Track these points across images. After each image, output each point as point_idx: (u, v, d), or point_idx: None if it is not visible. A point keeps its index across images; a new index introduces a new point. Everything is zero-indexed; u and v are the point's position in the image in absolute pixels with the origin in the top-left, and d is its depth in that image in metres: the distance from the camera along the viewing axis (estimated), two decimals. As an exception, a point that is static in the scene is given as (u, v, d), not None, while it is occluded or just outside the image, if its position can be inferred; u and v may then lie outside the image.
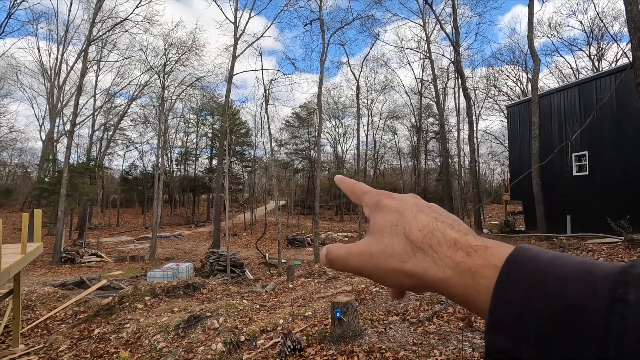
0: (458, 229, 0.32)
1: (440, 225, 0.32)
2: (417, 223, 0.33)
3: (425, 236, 0.32)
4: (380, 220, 0.36)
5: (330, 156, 49.42)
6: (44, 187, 23.88)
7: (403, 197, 0.38)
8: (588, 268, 0.23)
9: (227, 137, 20.03)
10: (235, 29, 23.15)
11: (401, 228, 0.33)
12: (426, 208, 0.36)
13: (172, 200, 43.64)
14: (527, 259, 0.26)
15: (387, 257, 0.33)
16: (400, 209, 0.36)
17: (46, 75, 31.10)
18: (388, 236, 0.34)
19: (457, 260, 0.29)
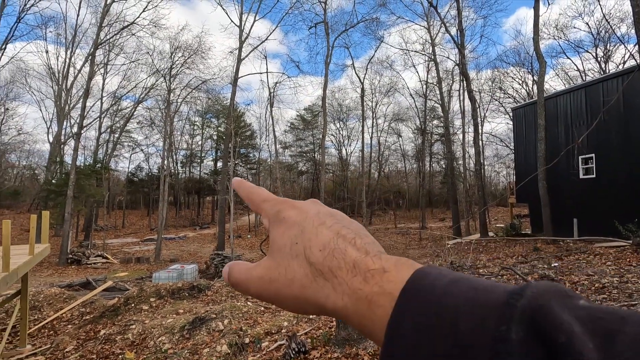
0: (360, 246, 0.29)
1: (341, 244, 0.29)
2: (318, 240, 0.30)
3: (326, 257, 0.29)
4: (279, 236, 0.33)
5: (335, 158, 49.46)
6: (51, 188, 24.14)
7: (304, 206, 0.35)
8: (480, 298, 0.22)
9: (232, 139, 20.14)
10: (240, 32, 23.31)
11: (301, 247, 0.31)
12: (328, 218, 0.33)
13: (177, 202, 43.90)
14: (423, 287, 0.24)
15: (288, 283, 0.30)
16: (301, 222, 0.33)
17: (54, 79, 31.52)
18: (288, 257, 0.31)
19: (354, 287, 0.27)
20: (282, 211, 0.35)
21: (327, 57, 20.71)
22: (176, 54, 27.04)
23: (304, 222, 0.32)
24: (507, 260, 9.44)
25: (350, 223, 0.33)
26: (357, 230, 0.32)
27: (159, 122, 32.30)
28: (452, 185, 25.75)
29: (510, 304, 0.21)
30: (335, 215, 0.34)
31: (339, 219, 0.33)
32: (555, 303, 0.20)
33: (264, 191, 0.39)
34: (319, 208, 0.35)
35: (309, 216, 0.33)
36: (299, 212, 0.34)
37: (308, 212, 0.34)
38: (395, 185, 47.93)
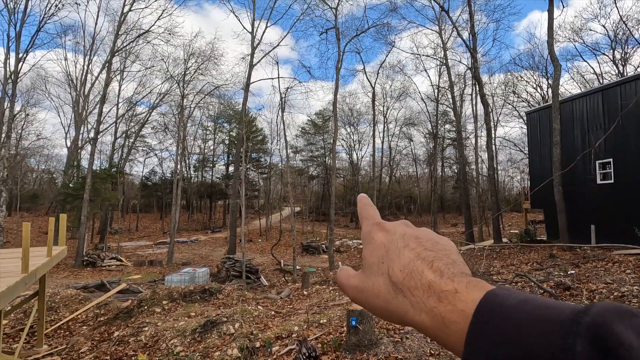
0: (437, 267, 0.33)
1: (419, 265, 0.34)
2: (400, 262, 0.35)
3: (405, 277, 0.33)
4: (369, 255, 0.39)
5: (346, 163, 49.38)
6: (68, 192, 24.74)
7: (392, 229, 0.40)
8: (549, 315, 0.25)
9: (244, 144, 20.34)
10: (252, 38, 23.61)
11: (386, 267, 0.36)
12: (412, 241, 0.37)
13: (190, 206, 44.43)
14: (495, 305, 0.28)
15: (374, 296, 0.36)
16: (387, 243, 0.38)
17: (72, 85, 32.41)
18: (375, 274, 0.36)
19: (430, 306, 0.31)
20: (372, 232, 0.41)
21: (338, 62, 20.79)
22: (190, 60, 27.55)
23: (390, 244, 0.37)
24: (521, 267, 9.25)
25: (435, 245, 0.37)
26: (438, 252, 0.35)
27: (173, 127, 32.88)
28: (464, 190, 25.40)
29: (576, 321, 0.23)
30: (420, 237, 0.38)
31: (423, 241, 0.37)
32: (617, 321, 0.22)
33: (372, 210, 0.45)
34: (405, 230, 0.39)
35: (394, 238, 0.38)
36: (386, 235, 0.39)
37: (395, 234, 0.39)
38: (407, 190, 47.56)
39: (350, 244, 27.01)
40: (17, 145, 32.48)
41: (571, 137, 15.61)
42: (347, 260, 21.51)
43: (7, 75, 21.50)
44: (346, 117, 43.79)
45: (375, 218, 0.43)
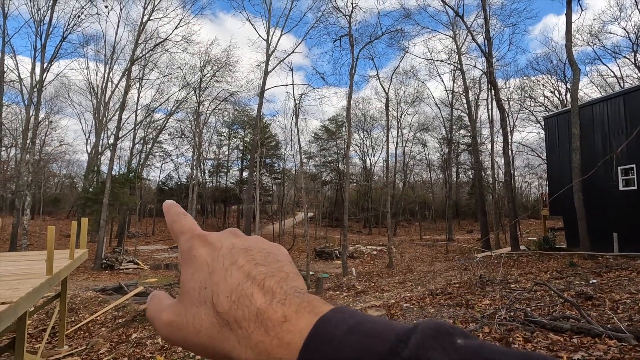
0: (269, 287, 0.28)
1: (248, 288, 0.28)
2: (227, 285, 0.28)
3: (232, 305, 0.27)
4: (188, 278, 0.31)
5: (359, 168, 49.26)
6: (88, 196, 25.46)
7: (217, 241, 0.33)
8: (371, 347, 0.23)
9: (258, 149, 20.56)
10: (267, 46, 23.98)
11: (209, 293, 0.29)
12: (242, 255, 0.31)
13: (205, 210, 45.06)
14: (322, 341, 0.24)
15: (195, 332, 0.29)
16: (212, 261, 0.31)
17: (93, 93, 33.51)
18: (196, 304, 0.29)
19: (256, 340, 0.25)
20: (193, 248, 0.33)
21: (352, 68, 20.87)
22: (206, 67, 28.15)
23: (214, 262, 0.30)
24: (540, 276, 9.02)
25: (266, 257, 0.31)
26: (270, 265, 0.30)
27: (189, 133, 33.54)
28: (480, 197, 24.98)
29: (395, 352, 0.22)
30: (251, 249, 0.32)
31: (253, 254, 0.31)
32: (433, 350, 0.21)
33: (188, 221, 0.36)
34: (233, 242, 0.33)
35: (220, 254, 0.31)
36: (211, 250, 0.32)
37: (221, 248, 0.32)
38: (421, 195, 47.03)
39: (363, 249, 26.84)
40: (40, 151, 33.65)
41: (591, 142, 15.21)
42: (361, 267, 21.38)
43: (32, 84, 22.41)
44: (359, 122, 43.81)
45: (194, 229, 0.35)
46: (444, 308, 6.03)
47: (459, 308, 5.91)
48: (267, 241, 0.34)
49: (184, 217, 0.37)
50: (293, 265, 0.32)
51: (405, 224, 44.99)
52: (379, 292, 10.16)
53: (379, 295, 9.08)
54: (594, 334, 3.84)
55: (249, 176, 25.93)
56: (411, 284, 11.08)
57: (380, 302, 7.56)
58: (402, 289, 9.78)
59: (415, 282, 11.22)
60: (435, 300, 6.89)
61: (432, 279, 11.58)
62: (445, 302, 6.47)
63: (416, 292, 8.20)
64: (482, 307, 5.77)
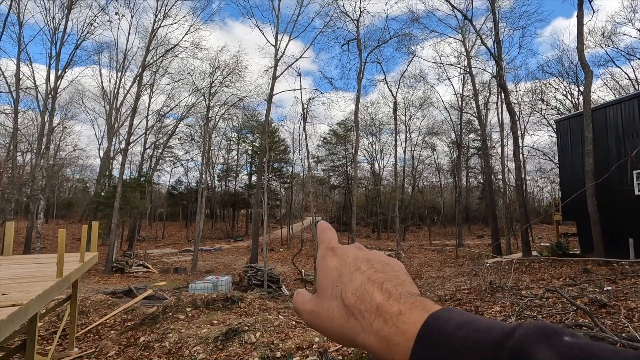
0: (386, 289, 0.34)
1: (369, 288, 0.35)
2: (352, 285, 0.36)
3: (357, 300, 0.35)
4: (323, 279, 0.40)
5: (367, 173, 49.09)
6: (100, 200, 25.87)
7: (344, 253, 0.41)
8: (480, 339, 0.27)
9: (267, 154, 20.66)
10: (275, 51, 24.17)
11: (339, 290, 0.37)
12: (363, 264, 0.39)
13: (214, 214, 45.34)
14: (434, 332, 0.29)
15: (329, 319, 0.37)
16: (340, 267, 0.39)
17: (106, 99, 34.14)
18: (330, 298, 0.38)
19: (377, 328, 0.32)
20: (326, 257, 0.42)
21: (360, 72, 20.89)
22: (215, 73, 28.48)
23: (342, 268, 0.39)
24: (552, 282, 8.82)
25: (385, 266, 0.39)
26: (388, 273, 0.37)
27: (199, 138, 33.91)
28: (490, 201, 24.63)
29: (501, 344, 0.25)
30: (372, 259, 0.40)
31: (373, 264, 0.39)
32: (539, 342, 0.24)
33: (328, 234, 0.47)
34: (357, 253, 0.41)
35: (347, 262, 0.40)
36: (339, 259, 0.41)
37: (347, 257, 0.40)
38: (430, 200, 46.61)
39: (372, 254, 26.65)
40: (55, 156, 34.40)
41: (605, 145, 14.91)
42: (369, 272, 21.19)
43: (47, 91, 22.96)
44: (368, 126, 43.72)
45: (331, 242, 0.45)
46: (452, 314, 5.93)
47: (468, 314, 5.80)
48: (386, 256, 0.42)
49: (328, 231, 0.47)
50: (408, 275, 0.39)
51: (414, 229, 44.60)
52: (387, 297, 10.05)
53: (387, 300, 8.99)
54: (608, 343, 3.73)
55: (257, 180, 26.05)
56: (420, 289, 10.92)
57: (388, 307, 7.49)
58: (411, 295, 9.63)
59: (425, 288, 11.07)
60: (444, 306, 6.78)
61: (442, 284, 11.42)
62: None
63: (425, 298, 8.08)
64: (491, 313, 5.67)
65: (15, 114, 23.57)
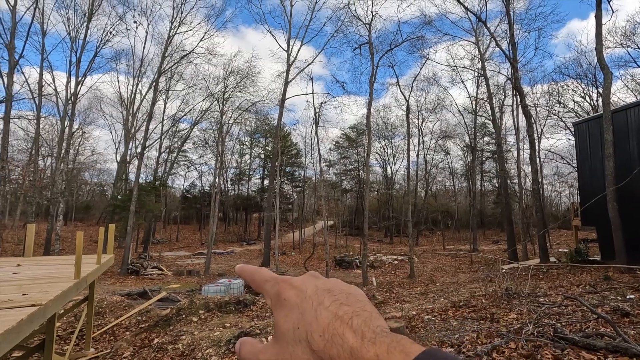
0: (357, 326, 0.30)
1: (339, 327, 0.30)
2: (319, 325, 0.31)
3: (326, 344, 0.30)
4: (282, 321, 0.34)
5: (380, 177, 48.81)
6: (117, 203, 26.44)
7: (302, 284, 0.36)
8: None
9: (279, 158, 20.77)
10: (288, 56, 24.38)
11: (303, 332, 0.32)
12: (326, 296, 0.34)
13: (226, 218, 45.77)
14: None
15: None
16: (300, 303, 0.34)
17: (123, 105, 35.01)
18: (291, 344, 0.32)
19: None
20: (281, 292, 0.36)
21: (372, 76, 20.87)
22: (229, 78, 28.88)
23: (303, 304, 0.33)
24: (572, 290, 8.56)
25: (348, 297, 0.34)
26: (354, 305, 0.33)
27: (212, 143, 34.38)
28: (506, 206, 24.15)
29: None
30: (332, 290, 0.35)
31: (336, 294, 0.34)
32: None
33: (266, 271, 0.40)
34: (316, 283, 0.36)
35: (307, 295, 0.34)
36: (298, 292, 0.35)
37: (306, 290, 0.35)
38: (443, 204, 46.02)
39: (384, 259, 26.42)
40: (74, 160, 35.35)
41: (626, 148, 14.46)
42: (381, 277, 21.01)
43: (67, 97, 23.67)
44: (380, 130, 43.56)
45: (276, 276, 0.39)
46: (467, 321, 5.82)
47: (483, 321, 5.68)
48: (344, 283, 0.37)
49: (261, 269, 0.41)
50: (372, 305, 0.34)
51: (427, 234, 44.04)
52: (400, 302, 9.94)
53: (399, 306, 8.88)
54: (631, 353, 3.59)
55: (269, 184, 26.21)
56: (433, 295, 10.77)
57: (400, 313, 7.39)
58: (424, 300, 9.52)
59: (438, 294, 10.90)
60: (458, 312, 6.66)
61: (456, 290, 11.22)
62: (469, 315, 6.24)
63: (438, 304, 7.97)
64: (508, 321, 5.53)
65: (38, 120, 24.36)
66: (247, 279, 0.41)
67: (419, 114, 38.63)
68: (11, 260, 7.00)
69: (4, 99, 20.48)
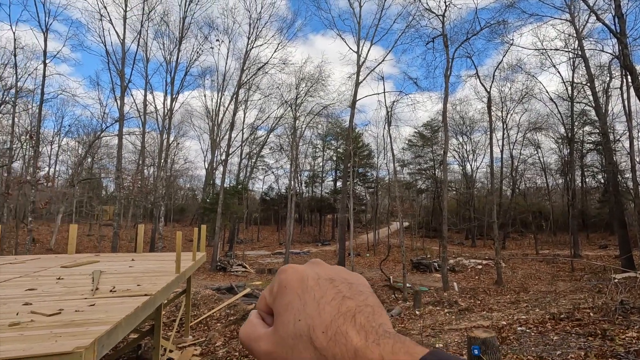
0: (360, 324, 0.29)
1: (342, 325, 0.29)
2: (321, 320, 0.30)
3: (329, 342, 0.28)
4: (283, 308, 0.32)
5: (458, 175, 45.81)
6: (206, 206, 29.26)
7: (304, 272, 0.34)
8: None
9: (351, 159, 20.85)
10: (357, 57, 24.39)
11: (305, 326, 0.30)
12: (329, 288, 0.32)
13: (302, 219, 47.44)
14: None
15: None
16: (302, 293, 0.32)
17: (209, 116, 38.58)
18: (292, 336, 0.30)
19: None
20: (282, 280, 0.34)
21: (447, 69, 19.72)
22: (300, 85, 29.97)
23: (305, 295, 0.32)
24: None
25: (351, 287, 0.33)
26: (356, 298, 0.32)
27: (287, 147, 35.98)
28: (616, 205, 20.74)
29: None
30: (335, 279, 0.34)
31: (338, 284, 0.33)
32: None
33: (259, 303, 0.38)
34: (317, 271, 0.34)
35: (309, 286, 0.33)
36: (299, 282, 0.33)
37: (307, 279, 0.33)
38: (535, 204, 41.29)
39: (466, 263, 24.71)
40: (170, 168, 40.11)
41: None
42: (464, 282, 19.68)
43: (165, 113, 26.98)
44: (457, 126, 40.91)
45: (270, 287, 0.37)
46: (571, 336, 5.13)
47: (592, 338, 4.95)
48: (347, 271, 0.36)
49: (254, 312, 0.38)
50: (375, 296, 0.33)
51: (516, 236, 40.00)
52: (487, 311, 9.17)
53: (486, 314, 8.20)
54: None
55: (342, 186, 26.44)
56: (526, 304, 9.72)
57: (488, 322, 6.83)
58: (515, 310, 8.64)
59: (532, 303, 9.80)
60: (559, 326, 5.91)
61: (554, 300, 9.97)
62: (573, 330, 5.49)
63: (533, 315, 7.16)
64: (625, 340, 4.73)
65: (143, 135, 28.20)
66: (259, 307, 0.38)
67: (503, 105, 35.32)
68: (127, 255, 8.20)
69: (118, 118, 24.15)
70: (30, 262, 6.69)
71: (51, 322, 2.96)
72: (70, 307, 3.42)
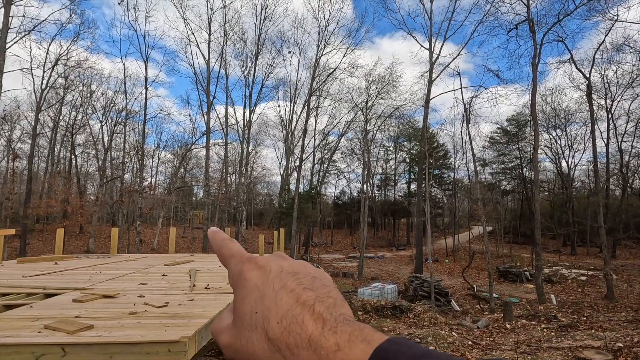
0: (319, 312, 0.27)
1: (299, 315, 0.27)
2: (277, 310, 0.28)
3: (283, 332, 0.27)
4: (241, 302, 0.32)
5: (550, 174, 40.83)
6: (282, 211, 30.68)
7: (266, 264, 0.33)
8: None
9: (426, 161, 20.00)
10: (430, 54, 23.38)
11: (260, 318, 0.29)
12: (290, 279, 0.31)
13: (375, 223, 46.83)
14: None
15: (249, 357, 0.29)
16: (262, 285, 0.31)
17: (283, 125, 40.51)
18: (248, 329, 0.29)
19: None
20: (243, 271, 0.33)
21: (534, 57, 17.74)
22: (370, 87, 29.76)
23: (265, 286, 0.31)
24: None
25: (313, 281, 0.31)
26: (318, 290, 0.30)
27: (358, 151, 35.96)
28: None
29: None
30: (299, 272, 0.32)
31: (301, 277, 0.31)
32: None
33: (235, 245, 0.36)
34: (282, 264, 0.33)
35: (270, 278, 0.31)
36: (261, 273, 0.32)
37: (270, 271, 0.32)
38: (654, 205, 34.69)
39: (565, 273, 21.82)
40: (250, 175, 43.00)
41: None
42: (563, 294, 17.39)
43: (244, 125, 29.08)
44: (549, 119, 36.48)
45: (243, 253, 0.35)
46: None
47: None
48: (312, 266, 0.35)
49: (231, 242, 0.37)
50: (338, 291, 0.32)
51: (630, 244, 34.11)
52: (596, 329, 7.95)
53: (595, 333, 7.10)
54: None
55: (417, 189, 25.45)
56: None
57: (599, 342, 5.92)
58: (634, 331, 7.33)
59: (658, 324, 8.23)
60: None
61: (689, 322, 8.24)
62: None
63: (660, 338, 6.00)
64: None
65: (225, 146, 30.75)
66: (215, 248, 0.37)
67: (607, 92, 30.53)
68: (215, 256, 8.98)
69: (205, 132, 26.73)
70: (141, 260, 7.76)
71: (160, 313, 3.38)
72: (174, 300, 3.87)
